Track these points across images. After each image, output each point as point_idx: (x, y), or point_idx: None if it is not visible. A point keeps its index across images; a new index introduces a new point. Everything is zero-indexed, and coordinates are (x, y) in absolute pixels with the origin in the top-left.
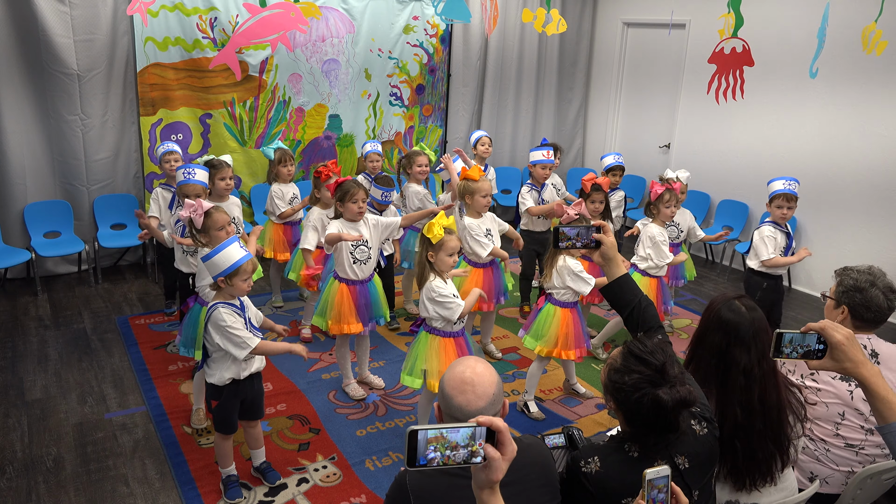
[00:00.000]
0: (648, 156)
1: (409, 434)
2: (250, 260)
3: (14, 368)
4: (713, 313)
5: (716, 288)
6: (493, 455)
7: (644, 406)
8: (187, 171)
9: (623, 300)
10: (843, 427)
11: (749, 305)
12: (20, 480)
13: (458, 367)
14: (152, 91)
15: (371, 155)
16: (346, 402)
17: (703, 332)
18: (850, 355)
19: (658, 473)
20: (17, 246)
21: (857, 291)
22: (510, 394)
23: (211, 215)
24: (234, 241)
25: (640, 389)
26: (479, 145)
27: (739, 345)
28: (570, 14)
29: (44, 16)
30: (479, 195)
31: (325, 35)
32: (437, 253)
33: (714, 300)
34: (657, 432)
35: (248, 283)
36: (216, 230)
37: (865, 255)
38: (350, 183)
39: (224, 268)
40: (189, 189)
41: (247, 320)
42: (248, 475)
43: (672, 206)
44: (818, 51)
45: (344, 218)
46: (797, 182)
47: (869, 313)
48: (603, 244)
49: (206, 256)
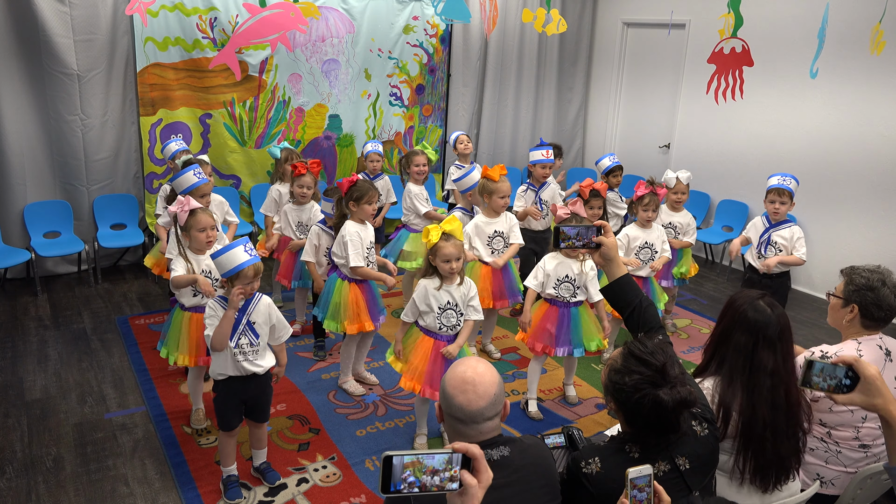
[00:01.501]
0: (648, 156)
1: (385, 459)
2: (253, 265)
3: (14, 368)
4: (738, 313)
5: (716, 288)
6: (469, 482)
7: (644, 407)
8: (198, 171)
9: (624, 300)
10: (862, 429)
11: (771, 303)
12: (20, 480)
13: (460, 367)
14: (152, 91)
15: (371, 155)
16: (346, 401)
17: (728, 331)
18: (882, 391)
19: (640, 473)
20: (16, 246)
21: (868, 290)
22: (510, 394)
23: (195, 215)
24: (242, 243)
25: (640, 390)
26: (459, 144)
27: (767, 346)
28: (570, 14)
29: (44, 16)
30: (497, 196)
31: (325, 35)
32: (435, 258)
33: (736, 298)
34: (658, 433)
35: (251, 287)
36: (197, 230)
37: (865, 256)
38: (366, 184)
39: (227, 269)
40: (206, 188)
41: (240, 321)
42: (248, 475)
43: (650, 211)
44: (818, 51)
45: (354, 219)
46: (795, 180)
47: (880, 312)
48: (603, 245)
49: (215, 255)
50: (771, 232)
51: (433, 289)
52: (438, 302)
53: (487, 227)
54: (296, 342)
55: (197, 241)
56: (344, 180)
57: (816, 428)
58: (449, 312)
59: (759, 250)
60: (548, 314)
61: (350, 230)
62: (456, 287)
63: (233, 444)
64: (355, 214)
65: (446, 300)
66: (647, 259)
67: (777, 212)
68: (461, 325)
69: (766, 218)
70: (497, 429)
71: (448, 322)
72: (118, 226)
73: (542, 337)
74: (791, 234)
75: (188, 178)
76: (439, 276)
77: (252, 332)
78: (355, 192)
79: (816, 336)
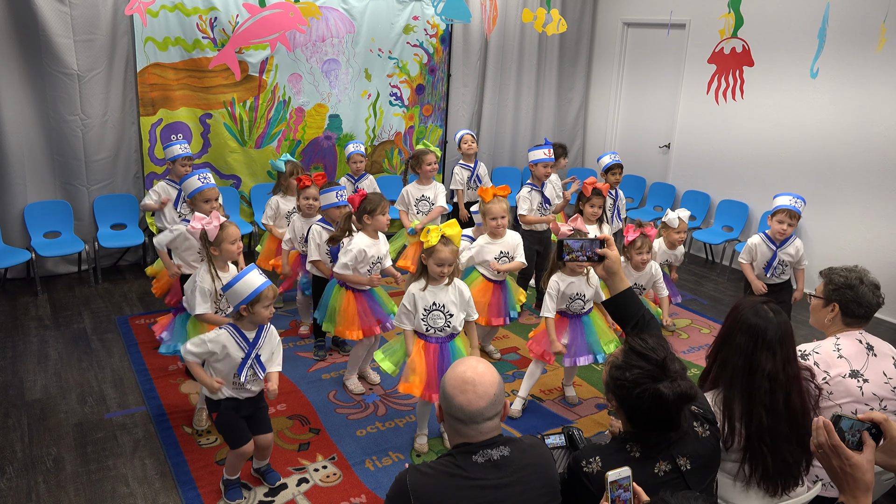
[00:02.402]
0: (648, 156)
1: None
2: (270, 286)
3: (14, 368)
4: (740, 317)
5: (716, 288)
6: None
7: (645, 402)
8: (203, 176)
9: (626, 314)
10: None
11: (775, 309)
12: (20, 480)
13: (460, 367)
14: (152, 91)
15: (354, 156)
16: (347, 401)
17: (729, 334)
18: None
19: (620, 475)
20: (17, 246)
21: (848, 289)
22: (510, 394)
23: (226, 228)
24: (253, 268)
25: (640, 385)
26: (463, 143)
27: (766, 349)
28: (570, 14)
29: (44, 16)
30: (488, 217)
31: (325, 35)
32: (428, 259)
33: (740, 304)
34: (659, 429)
35: (270, 310)
36: (229, 243)
37: (866, 256)
38: (376, 196)
39: (245, 295)
40: (210, 193)
41: (250, 355)
42: (248, 475)
43: (644, 254)
44: (819, 51)
45: (367, 231)
46: (804, 201)
47: (860, 309)
48: (607, 258)
49: (227, 286)
50: (779, 253)
51: (419, 290)
52: (424, 303)
53: (492, 249)
54: (296, 342)
55: (229, 254)
56: (353, 197)
57: None
58: (435, 314)
59: (773, 272)
60: (559, 326)
61: (358, 245)
62: (442, 288)
63: (243, 462)
64: (369, 227)
65: (431, 301)
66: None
67: (784, 233)
68: (451, 328)
69: (767, 238)
70: (497, 429)
71: (435, 323)
72: (118, 226)
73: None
74: (795, 249)
75: (192, 183)
76: (427, 278)
77: (259, 365)
78: (368, 204)
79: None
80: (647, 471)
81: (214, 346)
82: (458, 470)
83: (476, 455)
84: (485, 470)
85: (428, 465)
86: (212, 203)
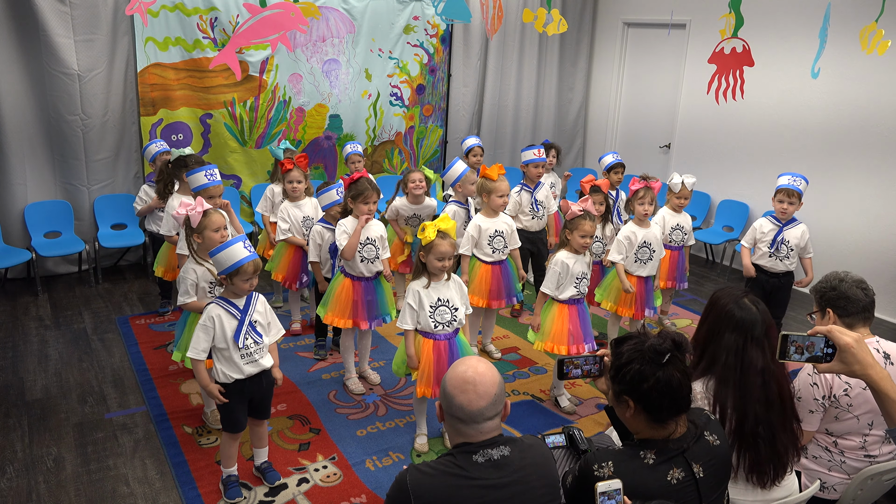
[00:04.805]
0: (649, 156)
1: None
2: (253, 261)
3: (15, 368)
4: (724, 311)
5: (716, 287)
6: None
7: (645, 368)
8: (210, 172)
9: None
10: (869, 437)
11: (755, 301)
12: (20, 480)
13: (461, 367)
14: (153, 91)
15: (352, 157)
16: (347, 401)
17: (715, 330)
18: (858, 357)
19: (610, 486)
20: (17, 246)
21: (830, 290)
22: (510, 394)
23: (208, 215)
24: (240, 240)
25: (635, 358)
26: (472, 156)
27: (755, 345)
28: (570, 14)
29: (44, 16)
30: (495, 195)
31: (325, 35)
32: (427, 255)
33: (719, 296)
34: (670, 398)
35: (250, 283)
36: (211, 230)
37: (866, 256)
38: (365, 183)
39: (226, 265)
40: (215, 191)
41: (243, 321)
42: (249, 475)
43: (646, 204)
44: (819, 51)
45: (355, 215)
46: (805, 181)
47: (850, 304)
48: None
49: (213, 252)
50: (784, 230)
51: (422, 287)
52: (429, 300)
53: (488, 227)
54: (296, 342)
55: (211, 242)
56: (347, 179)
57: (822, 437)
58: (441, 309)
59: (773, 249)
60: (565, 315)
61: (348, 226)
62: (444, 284)
63: (236, 445)
64: (354, 211)
65: (436, 297)
66: (645, 259)
67: (785, 212)
68: (457, 322)
69: (773, 217)
70: (497, 429)
71: (442, 319)
72: (119, 226)
73: (564, 339)
74: (801, 233)
75: (198, 178)
76: (427, 275)
77: (255, 332)
78: (353, 189)
79: None
80: (659, 478)
81: (209, 322)
82: (458, 470)
83: (476, 455)
84: (485, 470)
85: (428, 465)
86: (215, 200)
